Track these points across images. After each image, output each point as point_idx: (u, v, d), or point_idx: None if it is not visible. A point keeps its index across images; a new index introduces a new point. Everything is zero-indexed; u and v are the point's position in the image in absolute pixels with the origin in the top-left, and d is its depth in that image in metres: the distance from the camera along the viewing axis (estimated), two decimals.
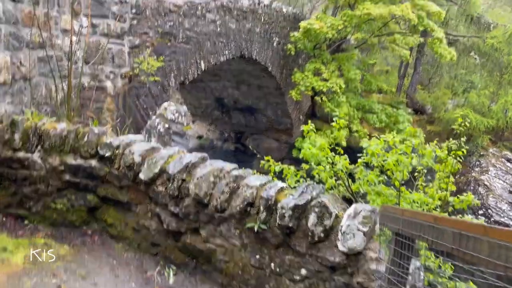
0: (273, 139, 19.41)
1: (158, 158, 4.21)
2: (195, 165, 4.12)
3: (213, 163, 4.20)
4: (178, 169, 4.03)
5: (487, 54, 20.67)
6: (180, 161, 4.12)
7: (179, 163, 4.10)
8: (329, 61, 15.64)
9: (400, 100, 21.55)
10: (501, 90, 19.45)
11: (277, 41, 14.73)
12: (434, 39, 16.65)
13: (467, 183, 18.27)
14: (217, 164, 4.15)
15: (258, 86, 16.58)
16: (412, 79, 23.76)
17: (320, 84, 14.69)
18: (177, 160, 4.14)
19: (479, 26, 22.56)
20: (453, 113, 19.49)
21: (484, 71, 21.02)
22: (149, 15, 7.68)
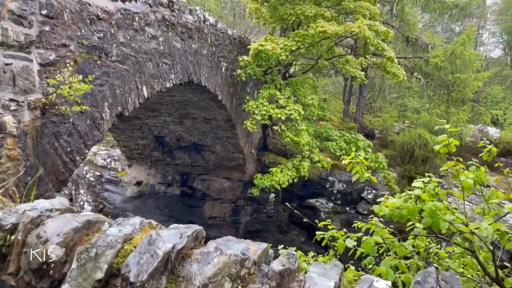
0: (225, 178, 17.27)
1: (101, 247, 1.99)
2: (184, 257, 1.97)
3: (220, 244, 2.07)
4: (149, 270, 1.85)
5: (430, 74, 20.57)
6: (150, 249, 1.94)
7: (150, 254, 1.92)
8: (283, 87, 14.11)
9: (351, 125, 20.66)
10: (451, 109, 19.20)
11: (225, 66, 12.93)
12: (386, 59, 15.91)
13: None
14: (230, 247, 2.04)
15: (205, 119, 14.52)
16: (358, 103, 23.18)
17: (278, 112, 13.01)
18: (143, 248, 1.96)
19: (416, 47, 22.72)
20: (409, 135, 18.85)
21: (429, 91, 20.84)
22: (68, 20, 5.44)
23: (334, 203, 17.81)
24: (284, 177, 13.69)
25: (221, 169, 17.21)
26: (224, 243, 2.07)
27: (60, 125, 5.27)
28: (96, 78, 6.03)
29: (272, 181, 13.68)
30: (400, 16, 21.99)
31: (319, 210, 17.73)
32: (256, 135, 17.69)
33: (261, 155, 17.84)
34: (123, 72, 6.87)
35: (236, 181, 17.18)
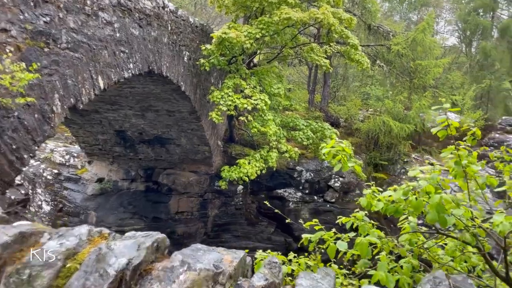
0: (191, 171, 16.80)
1: (36, 267, 1.60)
2: (143, 274, 1.61)
3: (187, 256, 1.72)
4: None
5: (392, 61, 20.80)
6: (99, 267, 1.57)
7: (98, 273, 1.55)
8: (249, 76, 13.75)
9: (316, 114, 20.61)
10: (413, 95, 19.51)
11: (188, 56, 12.41)
12: (350, 46, 15.87)
13: None
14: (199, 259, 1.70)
15: (168, 112, 13.96)
16: (323, 92, 23.16)
17: (243, 102, 12.66)
18: (90, 265, 1.59)
19: (378, 35, 22.92)
20: (373, 122, 19.00)
21: (392, 78, 21.09)
22: (7, 2, 4.84)
23: (302, 192, 17.75)
24: (252, 169, 13.41)
25: (187, 162, 16.72)
26: (192, 254, 1.72)
27: (2, 120, 4.70)
28: (44, 67, 5.46)
29: (240, 173, 13.37)
30: (361, 4, 22.09)
31: (287, 200, 17.62)
32: (222, 127, 17.28)
33: (228, 147, 17.48)
34: (75, 61, 6.31)
35: (202, 174, 16.75)
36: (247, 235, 17.69)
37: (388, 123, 18.28)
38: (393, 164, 19.18)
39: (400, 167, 18.96)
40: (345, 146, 3.45)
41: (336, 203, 17.72)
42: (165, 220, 16.66)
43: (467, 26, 33.70)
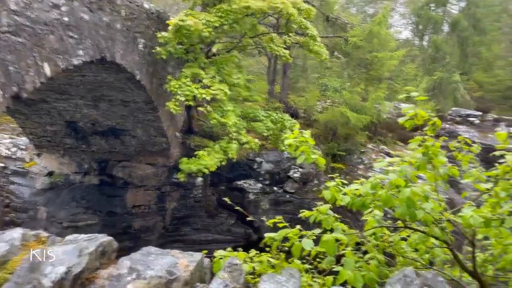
0: (148, 164, 16.28)
1: None
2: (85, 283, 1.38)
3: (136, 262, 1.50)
4: None
5: (349, 53, 21.08)
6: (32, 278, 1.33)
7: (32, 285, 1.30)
8: (207, 66, 13.42)
9: (276, 105, 20.60)
10: (369, 87, 19.88)
11: (143, 44, 11.90)
12: (309, 37, 15.89)
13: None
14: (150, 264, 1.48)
15: (122, 102, 13.39)
16: (283, 83, 23.19)
17: (202, 92, 12.34)
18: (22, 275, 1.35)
19: (336, 27, 23.16)
20: (332, 114, 19.22)
21: (349, 70, 21.40)
22: None
23: (262, 183, 17.71)
24: (212, 161, 13.16)
25: (144, 154, 16.19)
26: (142, 259, 1.50)
27: None
28: None
29: (199, 165, 13.09)
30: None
31: (247, 191, 17.53)
32: (180, 118, 16.84)
33: (187, 138, 17.08)
34: (18, 46, 5.79)
35: (160, 167, 16.29)
36: (206, 228, 17.47)
37: (346, 114, 18.53)
38: (350, 154, 19.52)
39: (357, 157, 19.34)
40: (308, 137, 3.31)
41: (296, 194, 17.84)
42: (121, 215, 16.09)
43: (420, 20, 34.82)
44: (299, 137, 3.17)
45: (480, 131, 21.80)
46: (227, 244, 18.11)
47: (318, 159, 3.19)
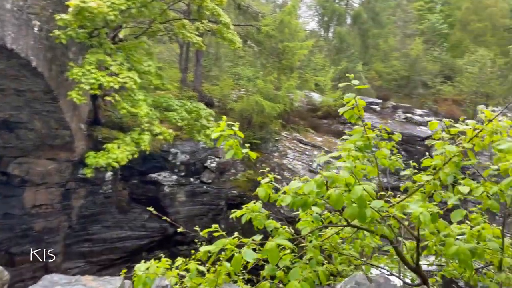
0: (49, 159, 14.82)
1: None
2: None
3: None
4: None
5: (262, 42, 21.25)
6: None
7: None
8: (114, 52, 12.48)
9: (190, 94, 20.10)
10: (282, 76, 20.28)
11: (39, 26, 10.64)
12: (222, 25, 15.61)
13: (271, 169, 18.27)
14: None
15: (16, 91, 11.94)
16: (196, 72, 22.68)
17: (109, 80, 11.46)
18: None
19: (248, 15, 23.18)
20: (246, 102, 19.26)
21: (262, 59, 21.59)
22: None
23: (178, 175, 17.21)
24: (123, 153, 12.35)
25: (44, 149, 14.69)
26: None
27: None
28: None
29: (109, 159, 12.20)
30: None
31: (162, 184, 16.90)
32: (85, 108, 15.54)
33: (93, 130, 15.85)
34: None
35: (63, 162, 14.92)
36: (118, 224, 16.52)
37: (261, 102, 18.71)
38: (265, 142, 19.80)
39: (272, 145, 19.68)
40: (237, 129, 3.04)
41: (213, 184, 17.64)
42: (19, 216, 14.50)
43: (325, 12, 36.43)
44: (226, 130, 2.90)
45: (381, 117, 23.51)
46: (142, 240, 17.35)
47: (249, 154, 2.97)
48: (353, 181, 2.28)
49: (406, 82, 32.57)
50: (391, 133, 3.65)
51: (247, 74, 24.16)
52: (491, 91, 26.40)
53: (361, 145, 2.53)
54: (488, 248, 2.41)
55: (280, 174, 17.84)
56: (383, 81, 33.01)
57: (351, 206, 2.21)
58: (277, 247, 2.10)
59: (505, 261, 2.51)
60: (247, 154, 2.88)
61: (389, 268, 3.01)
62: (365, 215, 2.20)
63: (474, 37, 34.24)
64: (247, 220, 2.68)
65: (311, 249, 2.59)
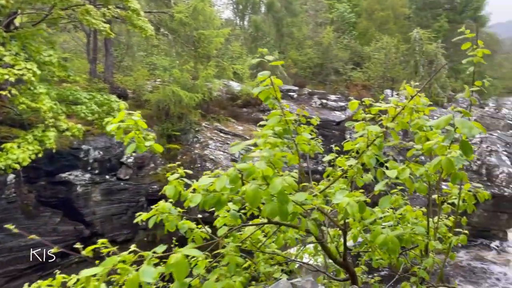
0: None
1: None
2: None
3: None
4: None
5: (176, 30, 20.51)
6: None
7: None
8: (8, 41, 11.12)
9: (100, 86, 18.82)
10: (199, 65, 19.78)
11: None
12: (131, 11, 14.72)
13: (192, 161, 17.88)
14: None
15: None
16: (106, 62, 21.27)
17: (3, 72, 10.19)
18: None
19: (160, 2, 22.25)
20: (163, 93, 18.53)
21: (177, 47, 20.87)
22: None
23: (92, 173, 16.07)
24: (24, 153, 11.12)
25: None
26: None
27: None
28: None
29: (8, 160, 10.91)
30: None
31: (74, 184, 15.66)
32: None
33: None
34: None
35: None
36: (26, 231, 14.99)
37: (178, 92, 18.10)
38: (185, 133, 19.27)
39: (192, 136, 19.20)
40: (138, 119, 2.65)
41: (131, 180, 16.77)
42: None
43: (239, 0, 36.31)
44: (126, 120, 2.51)
45: (298, 104, 24.14)
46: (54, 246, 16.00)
47: (154, 146, 2.62)
48: (272, 173, 2.01)
49: (320, 69, 33.83)
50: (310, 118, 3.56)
51: (163, 64, 23.28)
52: (396, 75, 28.37)
53: (280, 131, 2.32)
54: (414, 232, 2.38)
55: (202, 166, 17.53)
56: (299, 69, 33.93)
57: (271, 202, 1.95)
58: (185, 258, 1.74)
59: (431, 244, 2.52)
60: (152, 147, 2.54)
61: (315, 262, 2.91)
62: (287, 211, 1.95)
63: (378, 25, 36.54)
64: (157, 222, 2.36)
65: (229, 252, 2.34)
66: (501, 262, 18.19)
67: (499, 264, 17.98)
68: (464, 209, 2.82)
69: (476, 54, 2.03)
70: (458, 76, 37.38)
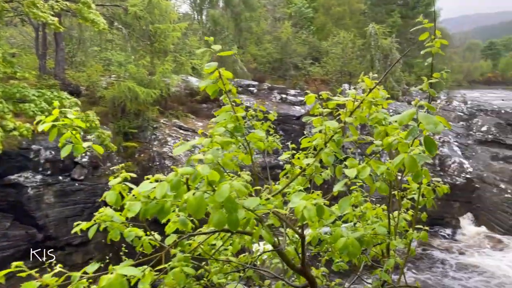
0: None
1: None
2: None
3: None
4: None
5: (131, 24, 19.83)
6: None
7: None
8: None
9: (51, 82, 17.90)
10: (156, 60, 19.25)
11: None
12: (82, 4, 14.05)
13: (151, 159, 17.42)
14: None
15: None
16: (56, 58, 20.25)
17: None
18: None
19: None
20: (118, 89, 17.89)
21: (132, 42, 20.19)
22: None
23: (43, 174, 15.27)
24: None
25: None
26: None
27: None
28: None
29: None
30: None
31: (24, 186, 14.83)
32: None
33: None
34: None
35: None
36: None
37: (134, 89, 17.53)
38: (143, 131, 18.73)
39: (150, 133, 18.70)
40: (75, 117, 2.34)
41: (86, 180, 16.09)
42: None
43: None
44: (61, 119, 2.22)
45: (259, 99, 24.08)
46: (5, 252, 15.10)
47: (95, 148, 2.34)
48: (218, 178, 1.79)
49: (279, 64, 33.95)
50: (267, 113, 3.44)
51: (118, 59, 22.50)
52: (353, 70, 28.92)
53: (231, 128, 2.15)
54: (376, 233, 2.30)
55: (161, 163, 17.11)
56: (258, 64, 33.90)
57: (218, 211, 1.74)
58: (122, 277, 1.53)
59: (392, 244, 2.47)
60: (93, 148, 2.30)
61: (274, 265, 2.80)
62: (237, 219, 1.75)
63: (335, 21, 37.12)
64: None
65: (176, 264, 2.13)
66: (452, 250, 18.98)
67: (450, 252, 18.75)
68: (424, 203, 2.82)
69: (434, 45, 1.98)
70: (412, 70, 38.73)
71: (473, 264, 17.53)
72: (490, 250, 18.85)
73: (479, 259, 17.97)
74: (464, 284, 16.13)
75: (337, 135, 2.02)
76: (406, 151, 1.82)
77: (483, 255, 18.40)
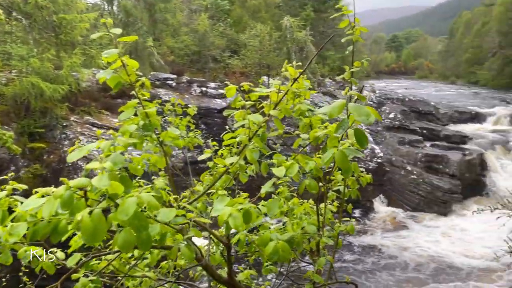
0: None
1: None
2: None
3: None
4: None
5: (32, 14, 18.07)
6: None
7: None
8: None
9: None
10: (62, 53, 17.78)
11: None
12: None
13: (62, 160, 16.14)
14: None
15: None
16: None
17: None
18: None
19: None
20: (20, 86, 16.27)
21: (35, 34, 18.43)
22: None
23: None
24: None
25: None
26: None
27: None
28: None
29: None
30: None
31: None
32: None
33: None
34: None
35: None
36: None
37: (38, 84, 16.04)
38: (51, 130, 17.25)
39: (59, 132, 17.28)
40: None
41: None
42: None
43: None
44: None
45: (178, 93, 23.46)
46: None
47: None
48: (121, 190, 1.45)
49: (198, 57, 33.38)
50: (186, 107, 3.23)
51: (19, 53, 20.44)
52: (271, 62, 29.39)
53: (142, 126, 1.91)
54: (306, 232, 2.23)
55: (73, 165, 15.94)
56: (176, 57, 33.04)
57: (124, 231, 1.43)
58: None
59: (322, 241, 2.42)
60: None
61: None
62: (149, 238, 1.47)
63: (252, 14, 37.43)
64: None
65: None
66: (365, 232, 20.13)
67: (363, 234, 19.82)
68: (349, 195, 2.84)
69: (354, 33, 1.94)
70: (325, 62, 40.47)
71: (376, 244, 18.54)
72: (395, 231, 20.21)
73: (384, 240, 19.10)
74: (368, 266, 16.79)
75: (261, 130, 1.89)
76: (336, 145, 1.75)
77: (388, 236, 19.64)
